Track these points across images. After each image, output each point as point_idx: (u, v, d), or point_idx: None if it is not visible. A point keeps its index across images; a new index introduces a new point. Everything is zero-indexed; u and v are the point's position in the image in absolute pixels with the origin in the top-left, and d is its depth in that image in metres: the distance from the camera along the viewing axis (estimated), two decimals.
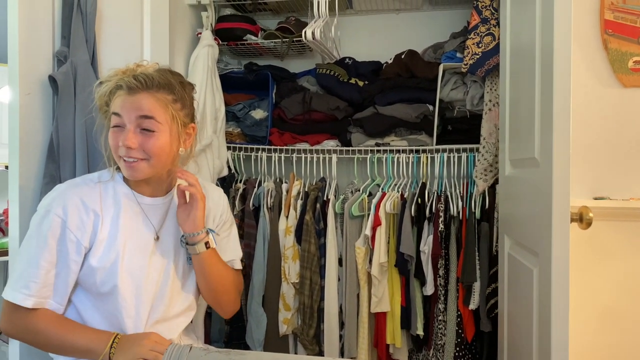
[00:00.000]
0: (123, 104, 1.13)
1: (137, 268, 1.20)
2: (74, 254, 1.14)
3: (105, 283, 1.16)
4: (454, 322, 2.02)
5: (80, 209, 1.15)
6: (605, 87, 1.87)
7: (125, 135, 1.13)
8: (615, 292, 1.87)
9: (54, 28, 1.44)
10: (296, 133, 2.30)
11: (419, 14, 2.44)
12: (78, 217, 1.14)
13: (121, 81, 1.14)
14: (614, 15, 1.83)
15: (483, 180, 2.02)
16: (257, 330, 2.17)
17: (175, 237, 1.28)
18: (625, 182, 1.87)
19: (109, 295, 1.17)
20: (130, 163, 1.14)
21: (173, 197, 1.30)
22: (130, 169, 1.15)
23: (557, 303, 1.24)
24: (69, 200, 1.15)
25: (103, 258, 1.16)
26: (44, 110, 1.40)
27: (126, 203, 1.22)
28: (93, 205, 1.17)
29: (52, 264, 1.13)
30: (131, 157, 1.14)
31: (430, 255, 2.02)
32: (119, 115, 1.13)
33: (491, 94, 2.01)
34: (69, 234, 1.13)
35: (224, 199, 1.42)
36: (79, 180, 1.22)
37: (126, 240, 1.19)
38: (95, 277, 1.16)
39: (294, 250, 2.17)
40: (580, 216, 1.32)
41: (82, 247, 1.15)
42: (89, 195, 1.18)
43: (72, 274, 1.15)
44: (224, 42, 2.32)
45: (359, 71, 2.30)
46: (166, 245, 1.26)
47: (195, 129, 1.27)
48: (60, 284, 1.14)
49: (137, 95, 1.13)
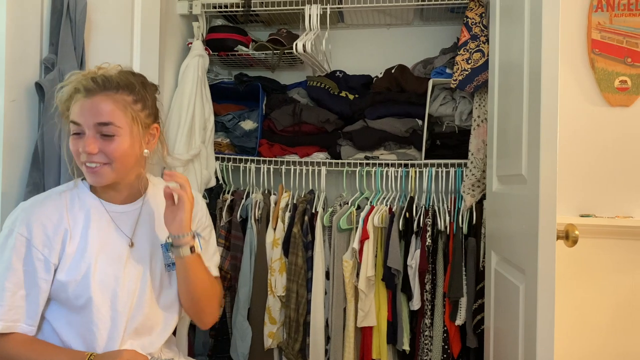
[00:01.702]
0: (81, 110, 1.11)
1: (112, 279, 1.17)
2: (43, 272, 1.11)
3: (79, 297, 1.13)
4: (440, 338, 2.01)
5: (45, 225, 1.12)
6: (592, 105, 1.89)
7: (84, 142, 1.11)
8: (601, 309, 1.88)
9: (42, 35, 1.42)
10: (286, 145, 2.30)
11: (409, 29, 2.46)
12: (44, 234, 1.11)
13: (79, 84, 1.12)
14: (600, 35, 1.86)
15: (471, 196, 2.02)
16: (242, 343, 2.15)
17: (150, 243, 1.24)
18: (611, 200, 1.89)
19: (83, 308, 1.14)
20: (93, 169, 1.12)
21: (144, 202, 1.27)
22: (93, 174, 1.13)
23: (542, 320, 1.24)
24: (33, 217, 1.12)
25: (73, 272, 1.13)
26: (30, 117, 1.38)
27: (95, 213, 1.19)
28: (59, 220, 1.14)
29: (18, 286, 1.09)
30: (93, 162, 1.12)
31: (418, 270, 2.01)
32: (77, 123, 1.11)
33: (480, 110, 2.03)
34: (35, 252, 1.10)
35: (203, 203, 1.41)
36: (42, 196, 1.18)
37: (97, 251, 1.16)
38: (67, 292, 1.13)
39: (281, 263, 2.15)
40: (566, 234, 1.32)
41: (50, 265, 1.12)
42: (55, 210, 1.15)
43: (42, 293, 1.12)
44: (215, 53, 2.32)
45: (349, 84, 2.31)
46: (141, 252, 1.23)
47: (159, 129, 1.25)
48: (31, 305, 1.11)
49: (94, 98, 1.11)
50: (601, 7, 1.85)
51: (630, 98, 1.85)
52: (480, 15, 2.02)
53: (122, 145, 1.13)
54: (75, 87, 1.12)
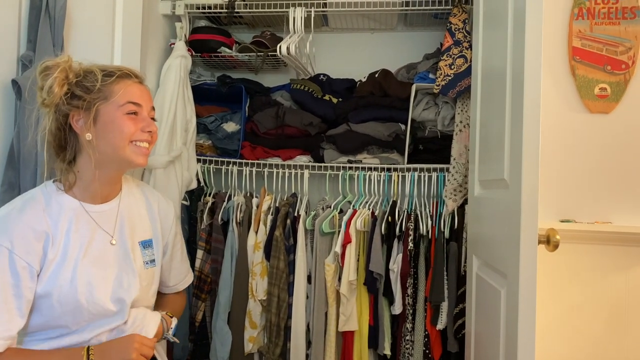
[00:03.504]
0: (140, 93, 1.19)
1: (99, 279, 1.16)
2: (28, 280, 1.08)
3: (64, 303, 1.11)
4: (421, 342, 2.01)
5: (26, 232, 1.09)
6: (572, 112, 1.92)
7: (147, 122, 1.18)
8: (581, 313, 1.90)
9: (20, 31, 1.40)
10: (268, 147, 2.28)
11: (393, 34, 2.47)
12: (25, 242, 1.08)
13: (126, 70, 1.19)
14: (581, 43, 1.89)
15: (452, 200, 2.03)
16: (222, 348, 2.12)
17: (130, 239, 1.25)
18: (591, 206, 1.91)
19: (68, 313, 1.12)
20: (147, 149, 1.19)
21: (121, 199, 1.27)
22: (144, 155, 1.19)
23: (524, 324, 1.25)
24: (12, 226, 1.08)
25: (57, 278, 1.11)
26: (5, 115, 1.35)
27: (75, 216, 1.17)
28: (40, 227, 1.11)
29: (4, 300, 1.05)
30: (147, 141, 1.19)
31: (400, 274, 2.01)
32: (138, 104, 1.17)
33: (462, 115, 2.04)
34: (18, 260, 1.07)
35: (172, 209, 1.42)
36: (18, 203, 1.14)
37: (80, 255, 1.15)
38: (51, 299, 1.10)
39: (263, 267, 2.13)
40: (547, 238, 1.33)
41: (34, 272, 1.09)
42: (33, 216, 1.11)
43: (27, 302, 1.08)
44: (198, 54, 2.30)
45: (333, 88, 2.30)
46: (122, 249, 1.23)
47: None
48: (17, 318, 1.07)
49: (143, 86, 1.22)
50: (582, 15, 1.88)
51: (609, 105, 1.88)
52: (463, 22, 2.03)
53: None
54: (125, 73, 1.19)
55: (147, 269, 1.27)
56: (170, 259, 1.40)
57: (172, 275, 1.43)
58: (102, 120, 1.14)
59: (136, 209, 1.30)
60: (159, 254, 1.32)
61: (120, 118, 1.14)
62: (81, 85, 1.13)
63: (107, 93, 1.14)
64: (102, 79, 1.14)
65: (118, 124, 1.14)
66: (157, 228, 1.33)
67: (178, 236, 1.43)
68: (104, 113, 1.14)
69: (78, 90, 1.13)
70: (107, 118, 1.14)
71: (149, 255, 1.28)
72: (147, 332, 1.22)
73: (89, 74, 1.15)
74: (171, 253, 1.40)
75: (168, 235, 1.38)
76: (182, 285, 1.47)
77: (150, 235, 1.31)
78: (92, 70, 1.15)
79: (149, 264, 1.27)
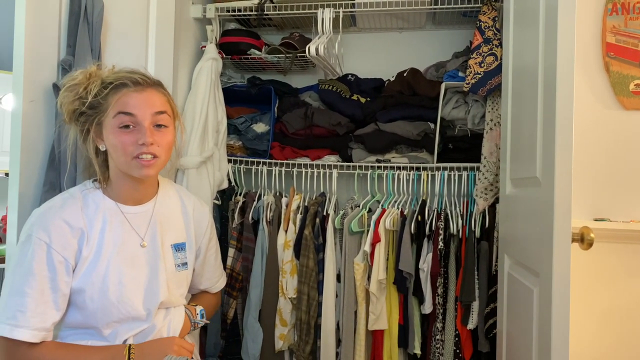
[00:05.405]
0: (135, 101, 1.13)
1: (129, 279, 1.18)
2: (64, 274, 1.12)
3: (95, 299, 1.14)
4: (451, 342, 1.99)
5: (64, 228, 1.12)
6: (606, 109, 1.88)
7: (144, 133, 1.12)
8: (615, 313, 1.86)
9: (60, 37, 1.45)
10: (297, 147, 2.31)
11: (421, 33, 2.46)
12: (62, 237, 1.12)
13: (124, 79, 1.14)
14: (615, 39, 1.85)
15: (483, 199, 2.01)
16: (253, 345, 2.15)
17: (161, 243, 1.26)
18: (626, 204, 1.87)
19: (100, 311, 1.15)
20: (148, 161, 1.14)
21: (156, 202, 1.29)
22: (147, 167, 1.14)
23: (557, 323, 1.23)
24: (51, 221, 1.12)
25: (90, 275, 1.14)
26: (47, 118, 1.40)
27: (110, 216, 1.20)
28: (76, 224, 1.14)
29: (40, 291, 1.08)
30: (150, 153, 1.13)
31: (429, 274, 2.01)
32: (131, 114, 1.12)
33: (492, 113, 2.02)
34: (55, 255, 1.10)
35: (209, 214, 1.44)
36: (57, 200, 1.18)
37: (113, 254, 1.17)
38: (84, 295, 1.13)
39: (292, 265, 2.16)
40: (581, 236, 1.31)
41: (70, 267, 1.13)
42: (71, 213, 1.15)
43: (63, 296, 1.12)
44: (228, 56, 2.34)
45: (361, 88, 2.31)
46: (153, 252, 1.24)
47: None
48: (53, 310, 1.10)
49: (146, 91, 1.15)
50: (616, 11, 1.85)
51: None
52: (493, 19, 2.01)
53: (170, 136, 1.18)
54: (119, 82, 1.13)
55: (179, 272, 1.29)
56: (202, 263, 1.41)
57: (204, 279, 1.45)
58: (105, 133, 1.16)
59: (171, 213, 1.31)
60: (191, 257, 1.34)
61: (114, 133, 1.13)
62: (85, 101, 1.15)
63: (105, 106, 1.14)
64: (100, 92, 1.13)
65: (113, 139, 1.13)
66: (191, 232, 1.35)
67: (213, 241, 1.44)
68: (105, 126, 1.15)
69: (82, 107, 1.15)
70: (107, 132, 1.15)
71: (181, 258, 1.29)
72: (175, 329, 1.24)
73: (94, 87, 1.14)
74: (204, 257, 1.41)
75: (201, 240, 1.39)
76: (214, 289, 1.49)
77: (183, 238, 1.33)
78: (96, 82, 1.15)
79: (180, 267, 1.29)
